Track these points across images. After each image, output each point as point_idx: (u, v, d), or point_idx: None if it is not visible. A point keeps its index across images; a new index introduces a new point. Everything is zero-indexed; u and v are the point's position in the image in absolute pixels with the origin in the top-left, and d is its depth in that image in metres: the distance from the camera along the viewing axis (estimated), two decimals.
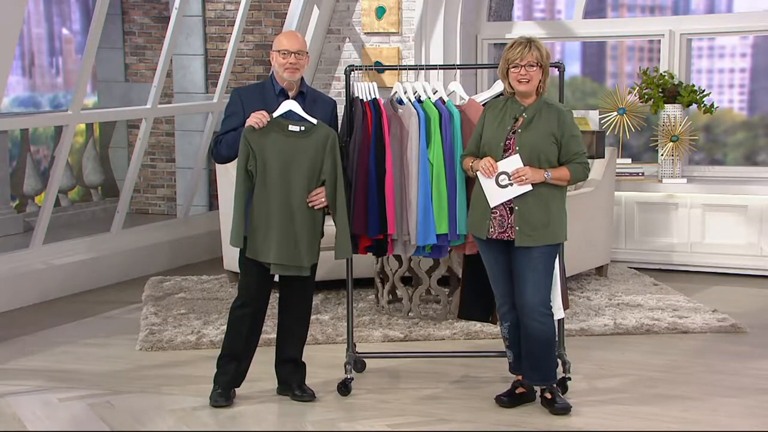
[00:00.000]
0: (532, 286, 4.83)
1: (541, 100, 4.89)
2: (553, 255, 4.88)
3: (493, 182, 4.82)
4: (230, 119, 5.06)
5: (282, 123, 4.90)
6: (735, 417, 4.91)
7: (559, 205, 4.89)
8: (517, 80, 4.82)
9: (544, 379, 4.94)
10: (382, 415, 4.94)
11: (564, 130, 4.84)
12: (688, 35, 8.59)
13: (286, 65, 4.97)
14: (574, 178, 4.86)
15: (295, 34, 5.09)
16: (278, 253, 4.87)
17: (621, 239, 8.33)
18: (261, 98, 5.02)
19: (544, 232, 4.81)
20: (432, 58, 8.73)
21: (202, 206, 10.13)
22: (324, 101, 5.15)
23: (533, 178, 4.77)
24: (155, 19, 10.76)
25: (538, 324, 4.85)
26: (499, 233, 4.85)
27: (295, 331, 5.16)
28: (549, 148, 4.81)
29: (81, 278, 7.72)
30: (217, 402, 5.06)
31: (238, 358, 5.08)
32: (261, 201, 4.88)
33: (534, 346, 4.89)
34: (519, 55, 4.79)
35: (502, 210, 4.84)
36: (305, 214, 4.90)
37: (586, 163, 4.90)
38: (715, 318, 6.61)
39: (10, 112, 10.36)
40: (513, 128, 4.85)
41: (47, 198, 7.62)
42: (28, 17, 10.75)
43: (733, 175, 8.50)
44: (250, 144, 4.87)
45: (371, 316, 6.76)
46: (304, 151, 4.89)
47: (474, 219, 4.95)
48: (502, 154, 4.83)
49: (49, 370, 5.74)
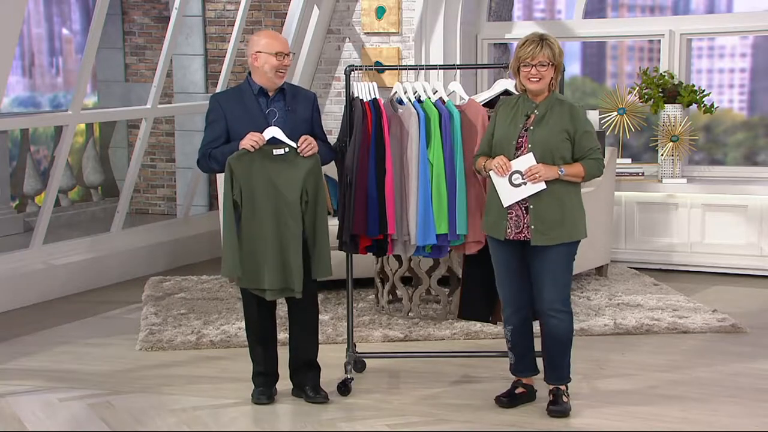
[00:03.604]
0: (550, 284, 4.78)
1: (553, 96, 4.82)
2: (570, 253, 4.82)
3: (507, 181, 4.75)
4: (212, 127, 5.01)
5: (266, 149, 4.86)
6: (735, 417, 4.90)
7: (575, 202, 4.82)
8: (528, 79, 4.75)
9: (559, 379, 4.92)
10: (382, 415, 4.94)
11: (577, 125, 4.77)
12: (688, 35, 8.59)
13: (280, 67, 4.94)
14: (588, 174, 4.78)
15: (278, 34, 5.05)
16: (271, 279, 4.86)
17: (621, 239, 8.33)
18: (240, 101, 4.99)
19: (559, 231, 4.74)
20: (432, 58, 8.73)
21: (202, 206, 10.13)
22: (304, 96, 5.11)
23: (547, 175, 4.70)
24: (155, 19, 10.76)
25: (556, 321, 4.82)
26: (515, 234, 4.80)
27: (306, 337, 5.14)
28: (562, 145, 4.75)
29: (81, 278, 7.72)
30: (259, 400, 5.09)
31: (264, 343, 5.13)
32: (249, 229, 4.86)
33: (552, 344, 4.87)
34: (530, 54, 4.71)
35: (518, 210, 4.78)
36: (295, 238, 4.87)
37: (601, 158, 4.82)
38: (715, 318, 6.61)
39: (10, 112, 10.37)
40: (525, 126, 4.79)
41: (47, 198, 7.62)
42: (28, 17, 10.75)
43: (733, 175, 8.49)
44: (235, 173, 4.83)
45: (371, 316, 6.76)
46: (290, 174, 4.86)
47: (490, 220, 4.87)
48: (514, 153, 4.77)
49: (49, 370, 5.74)
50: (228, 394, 5.26)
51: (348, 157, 5.17)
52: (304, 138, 4.90)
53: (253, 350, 5.14)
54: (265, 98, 5.00)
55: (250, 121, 4.94)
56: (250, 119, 4.95)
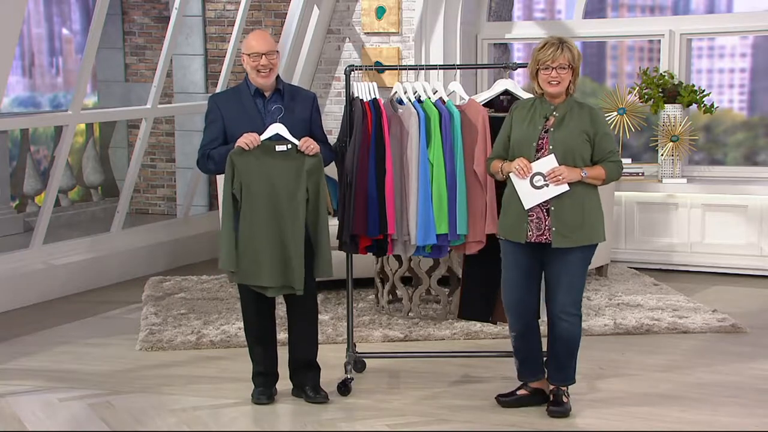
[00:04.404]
0: (565, 287, 4.77)
1: (572, 99, 4.81)
2: (588, 257, 4.81)
3: (528, 183, 4.71)
4: (210, 127, 5.01)
5: (268, 145, 4.86)
6: (735, 417, 4.90)
7: (595, 205, 4.81)
8: (548, 82, 4.73)
9: (564, 380, 4.92)
10: (382, 415, 4.94)
11: (597, 128, 4.76)
12: (688, 35, 8.59)
13: (258, 67, 4.91)
14: (609, 177, 4.78)
15: (263, 34, 5.00)
16: (271, 275, 4.85)
17: (621, 239, 8.33)
18: (237, 102, 4.99)
19: (580, 233, 4.73)
20: (432, 58, 8.73)
21: (202, 206, 10.13)
22: (303, 96, 5.10)
23: (570, 177, 4.68)
24: (155, 19, 10.76)
25: (566, 324, 4.81)
26: (537, 236, 4.77)
27: (305, 337, 5.13)
28: (583, 147, 4.73)
29: (81, 278, 7.72)
30: (259, 400, 5.08)
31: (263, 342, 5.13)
32: (249, 224, 4.85)
33: (561, 347, 4.86)
34: (551, 57, 4.68)
35: (539, 212, 4.75)
36: (295, 234, 4.86)
37: (620, 161, 4.84)
38: (715, 318, 6.61)
39: (10, 112, 10.37)
40: (545, 127, 4.77)
41: (47, 198, 7.62)
42: (28, 17, 10.75)
43: (733, 175, 8.49)
44: (237, 168, 4.83)
45: (371, 316, 6.76)
46: (291, 171, 4.85)
47: (509, 223, 4.83)
48: (534, 154, 4.74)
49: (49, 370, 5.74)
50: (228, 394, 5.26)
51: (348, 157, 5.17)
52: (305, 140, 4.90)
53: (252, 350, 5.14)
54: (261, 99, 5.00)
55: (247, 121, 4.94)
56: (247, 120, 4.94)
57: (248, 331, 5.14)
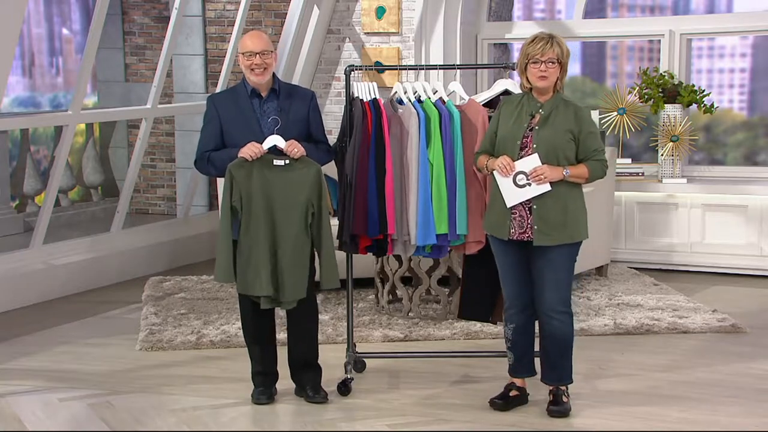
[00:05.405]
0: (551, 285, 4.78)
1: (558, 97, 4.81)
2: (572, 254, 4.82)
3: (510, 182, 4.73)
4: (208, 127, 5.02)
5: (266, 158, 4.85)
6: (735, 417, 4.90)
7: (578, 204, 4.81)
8: (537, 76, 4.73)
9: (559, 379, 4.92)
10: (382, 415, 4.94)
11: (582, 126, 4.77)
12: (688, 35, 8.59)
13: (252, 66, 4.92)
14: (592, 175, 4.78)
15: (258, 34, 5.02)
16: (265, 288, 4.85)
17: (621, 239, 8.33)
18: (234, 102, 4.99)
19: (562, 232, 4.74)
20: (432, 58, 8.72)
21: (202, 206, 10.13)
22: (300, 94, 5.08)
23: (552, 176, 4.69)
24: (155, 19, 10.76)
25: (556, 322, 4.81)
26: (519, 234, 4.79)
27: (305, 339, 5.13)
28: (567, 145, 4.74)
29: (81, 278, 7.72)
30: (258, 400, 5.08)
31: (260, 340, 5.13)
32: (247, 236, 4.85)
33: (552, 345, 4.86)
34: (540, 51, 4.70)
35: (521, 210, 4.77)
36: (292, 248, 4.87)
37: (605, 160, 4.83)
38: (715, 318, 6.61)
39: (10, 112, 10.37)
40: (530, 125, 4.78)
41: (47, 198, 7.62)
42: (28, 17, 10.75)
43: (733, 175, 8.49)
44: (236, 180, 4.82)
45: (371, 316, 6.76)
46: (290, 185, 4.85)
47: (493, 219, 4.86)
48: (518, 152, 4.76)
49: (49, 370, 5.74)
50: (228, 394, 5.26)
51: (348, 157, 5.17)
52: (290, 143, 4.87)
53: (251, 350, 5.14)
54: (258, 99, 5.00)
55: (243, 121, 4.94)
56: (243, 120, 4.94)
57: (246, 331, 5.14)
